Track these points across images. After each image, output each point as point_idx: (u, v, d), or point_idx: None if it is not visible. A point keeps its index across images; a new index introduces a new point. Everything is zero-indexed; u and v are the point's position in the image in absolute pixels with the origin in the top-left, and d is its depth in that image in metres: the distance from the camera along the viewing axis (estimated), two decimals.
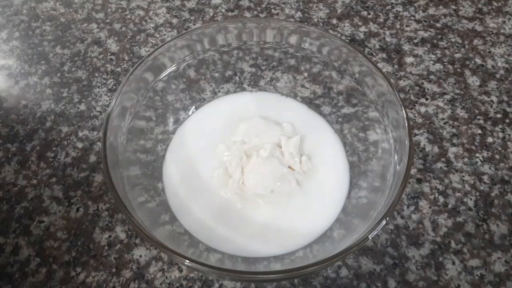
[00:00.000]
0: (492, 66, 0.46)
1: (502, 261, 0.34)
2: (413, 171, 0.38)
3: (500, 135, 0.40)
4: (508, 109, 0.42)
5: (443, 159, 0.39)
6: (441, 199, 0.37)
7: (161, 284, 0.33)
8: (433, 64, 0.46)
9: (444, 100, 0.43)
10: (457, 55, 0.47)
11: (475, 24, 0.49)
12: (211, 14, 0.52)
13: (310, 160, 0.35)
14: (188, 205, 0.33)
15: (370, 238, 0.25)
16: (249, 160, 0.34)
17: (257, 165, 0.34)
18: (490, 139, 0.40)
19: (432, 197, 0.37)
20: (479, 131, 0.41)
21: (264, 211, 0.33)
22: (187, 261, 0.24)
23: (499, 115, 0.42)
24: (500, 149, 0.40)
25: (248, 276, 0.25)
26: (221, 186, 0.34)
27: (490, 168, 0.38)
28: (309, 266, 0.24)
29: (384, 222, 0.25)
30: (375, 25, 0.50)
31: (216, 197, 0.34)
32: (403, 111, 0.29)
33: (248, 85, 0.41)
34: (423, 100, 0.43)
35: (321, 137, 0.37)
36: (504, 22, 0.49)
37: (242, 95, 0.40)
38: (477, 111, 0.42)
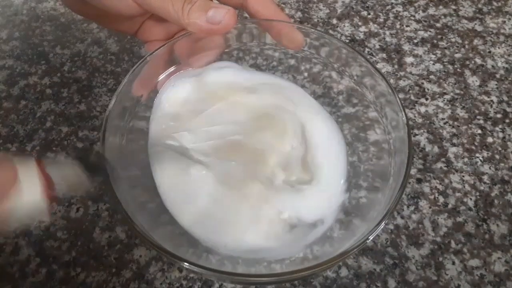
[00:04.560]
0: (492, 66, 0.45)
1: (502, 261, 0.34)
2: (413, 171, 0.38)
3: (500, 135, 0.40)
4: (508, 109, 0.42)
5: (443, 159, 0.39)
6: (441, 199, 0.37)
7: (161, 284, 0.33)
8: (433, 64, 0.46)
9: (444, 100, 0.43)
10: (457, 55, 0.47)
11: (475, 24, 0.49)
12: None
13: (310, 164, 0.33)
14: (187, 204, 0.33)
15: (369, 240, 0.25)
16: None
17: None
18: (490, 139, 0.40)
19: (432, 197, 0.37)
20: (479, 131, 0.41)
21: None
22: (186, 263, 0.24)
23: (499, 115, 0.42)
24: (500, 149, 0.40)
25: (248, 278, 0.25)
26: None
27: (490, 168, 0.38)
28: (309, 269, 0.24)
29: (384, 223, 0.25)
30: (375, 25, 0.50)
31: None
32: (402, 111, 0.29)
33: None
34: (423, 100, 0.43)
35: (324, 132, 0.36)
36: (504, 22, 0.49)
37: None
38: (477, 111, 0.42)
